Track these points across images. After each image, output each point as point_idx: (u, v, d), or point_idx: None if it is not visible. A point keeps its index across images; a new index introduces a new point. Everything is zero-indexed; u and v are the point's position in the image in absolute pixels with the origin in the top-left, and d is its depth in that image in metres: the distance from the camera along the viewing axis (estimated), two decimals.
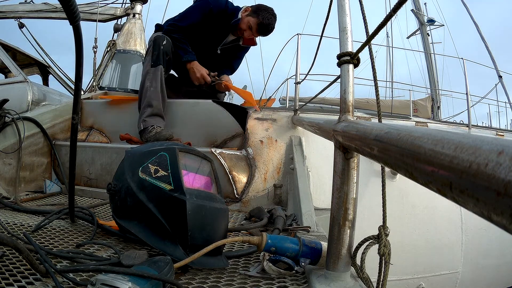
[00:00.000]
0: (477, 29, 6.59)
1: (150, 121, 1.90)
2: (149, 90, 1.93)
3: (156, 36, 2.02)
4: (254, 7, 2.14)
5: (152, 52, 1.98)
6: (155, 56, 1.96)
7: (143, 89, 1.96)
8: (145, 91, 1.95)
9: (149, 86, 1.93)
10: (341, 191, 0.71)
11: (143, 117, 1.92)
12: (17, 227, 1.09)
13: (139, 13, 3.16)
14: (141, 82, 2.02)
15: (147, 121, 1.90)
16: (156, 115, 1.94)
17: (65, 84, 3.52)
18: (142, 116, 1.93)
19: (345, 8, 0.80)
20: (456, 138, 0.28)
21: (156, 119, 1.93)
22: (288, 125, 1.97)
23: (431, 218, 2.24)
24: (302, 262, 0.78)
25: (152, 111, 1.92)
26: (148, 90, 1.93)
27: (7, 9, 3.25)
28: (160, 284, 0.60)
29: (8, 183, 1.71)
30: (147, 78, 1.95)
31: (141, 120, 1.91)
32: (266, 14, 2.07)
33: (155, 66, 1.95)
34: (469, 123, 3.03)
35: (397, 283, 2.19)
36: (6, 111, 1.74)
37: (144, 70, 2.02)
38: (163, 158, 0.91)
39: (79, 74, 0.86)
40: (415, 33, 10.21)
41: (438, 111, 7.73)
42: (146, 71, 1.97)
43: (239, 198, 1.70)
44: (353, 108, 0.77)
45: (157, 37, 2.00)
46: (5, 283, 0.65)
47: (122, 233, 1.03)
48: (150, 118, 1.91)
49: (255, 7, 2.13)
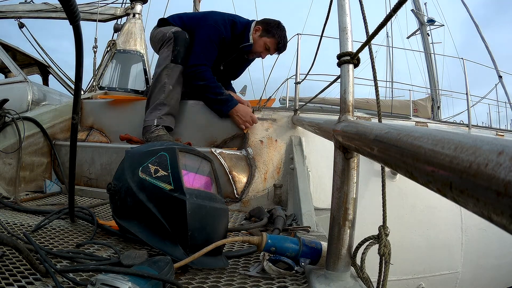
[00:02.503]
0: (477, 29, 6.60)
1: (166, 120, 1.88)
2: (167, 87, 1.87)
3: (177, 31, 1.93)
4: (263, 24, 2.01)
5: (174, 47, 1.89)
6: (176, 51, 1.88)
7: (160, 83, 1.88)
8: (161, 85, 1.88)
9: (167, 82, 1.87)
10: (341, 191, 0.71)
11: (160, 113, 1.87)
12: (17, 227, 1.09)
13: (139, 13, 3.16)
14: (156, 73, 1.94)
15: (164, 120, 1.87)
16: (171, 115, 1.92)
17: (65, 84, 3.52)
18: (157, 112, 1.87)
19: (345, 8, 0.80)
20: (456, 138, 0.28)
21: (171, 119, 1.91)
22: (288, 125, 1.97)
23: (431, 218, 2.24)
24: (302, 262, 0.78)
25: (169, 110, 1.89)
26: (166, 87, 1.87)
27: (7, 9, 3.25)
28: (160, 284, 0.60)
29: (8, 183, 1.71)
30: (165, 73, 1.88)
31: (157, 116, 1.86)
32: (280, 32, 2.00)
33: (175, 63, 1.88)
34: (469, 123, 3.03)
35: (397, 283, 2.19)
36: (6, 111, 1.73)
37: (162, 62, 1.92)
38: (163, 158, 0.91)
39: (79, 74, 0.86)
40: (415, 33, 10.22)
41: (438, 111, 7.74)
42: (166, 65, 1.88)
43: (239, 198, 1.70)
44: (353, 108, 0.77)
45: (179, 33, 1.92)
46: (5, 283, 0.65)
47: (122, 233, 1.03)
48: (167, 117, 1.89)
49: (265, 25, 2.01)
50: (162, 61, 1.93)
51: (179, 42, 1.90)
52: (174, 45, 1.90)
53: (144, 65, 3.05)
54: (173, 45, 1.90)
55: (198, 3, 4.96)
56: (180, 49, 1.90)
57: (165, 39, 1.95)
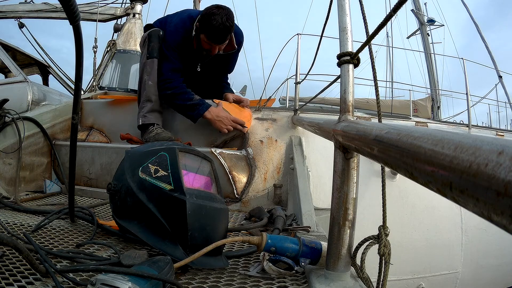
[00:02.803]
0: (477, 28, 6.60)
1: (150, 118, 1.89)
2: (147, 84, 1.90)
3: (152, 30, 1.96)
4: (200, 17, 1.84)
5: (148, 44, 1.93)
6: (150, 47, 1.92)
7: (141, 83, 1.93)
8: (143, 84, 1.91)
9: (147, 79, 1.90)
10: (341, 191, 0.71)
11: (143, 112, 1.90)
12: (17, 227, 1.09)
13: (139, 13, 3.17)
14: (139, 74, 1.99)
15: (147, 117, 1.89)
16: (155, 111, 1.92)
17: (65, 84, 3.53)
18: (141, 111, 1.91)
19: (345, 8, 0.80)
20: (456, 138, 0.28)
21: (156, 115, 1.92)
22: (288, 125, 1.97)
23: (431, 218, 2.24)
24: (302, 262, 0.78)
25: (152, 107, 1.90)
26: (146, 83, 1.90)
27: (7, 9, 3.26)
28: (160, 284, 0.60)
29: (8, 183, 1.71)
30: (145, 71, 1.91)
31: (141, 115, 1.90)
32: (210, 23, 1.75)
33: (151, 58, 1.90)
34: (469, 123, 3.03)
35: (397, 283, 2.19)
36: (6, 111, 1.74)
37: (140, 63, 1.98)
38: (163, 158, 0.91)
39: (79, 74, 0.86)
40: (415, 33, 10.23)
41: (438, 111, 7.75)
42: (143, 63, 1.93)
43: (239, 198, 1.70)
44: (353, 108, 0.77)
45: (153, 31, 1.95)
46: (5, 283, 0.65)
47: (122, 233, 1.03)
48: (150, 114, 1.90)
49: (200, 18, 1.83)
50: (140, 62, 1.99)
51: (152, 39, 1.93)
52: (148, 42, 1.93)
53: None
54: (148, 42, 1.94)
55: (198, 3, 4.96)
56: (154, 45, 1.92)
57: (142, 40, 2.01)
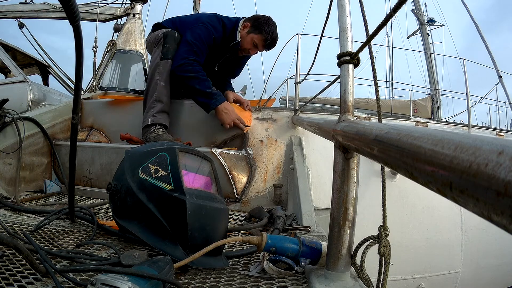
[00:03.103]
0: (477, 28, 6.60)
1: (160, 118, 1.89)
2: (159, 84, 1.89)
3: (167, 31, 1.97)
4: (252, 21, 1.99)
5: (163, 45, 1.93)
6: (166, 48, 1.91)
7: (152, 81, 1.92)
8: (154, 84, 1.91)
9: (159, 79, 1.90)
10: (341, 191, 0.71)
11: (153, 112, 1.89)
12: (17, 227, 1.09)
13: (139, 13, 3.16)
14: (149, 73, 1.98)
15: (157, 117, 1.88)
16: (165, 112, 1.93)
17: (65, 84, 3.53)
18: (151, 110, 1.89)
19: (345, 8, 0.80)
20: (456, 138, 0.28)
21: (165, 116, 1.92)
22: (288, 125, 1.97)
23: (431, 218, 2.24)
24: (302, 262, 0.78)
25: (162, 108, 1.90)
26: (158, 84, 1.90)
27: (7, 9, 3.25)
28: (160, 284, 0.60)
29: (8, 183, 1.71)
30: (157, 71, 1.91)
31: (150, 115, 1.88)
32: (268, 27, 1.95)
33: (165, 59, 1.91)
34: (469, 123, 3.03)
35: (397, 283, 2.19)
36: (6, 111, 1.73)
37: (153, 62, 1.96)
38: (163, 158, 0.91)
39: (79, 74, 0.86)
40: (415, 33, 10.23)
41: (438, 111, 7.75)
42: (156, 63, 1.92)
43: (239, 198, 1.70)
44: (353, 108, 0.77)
45: (169, 32, 1.96)
46: (5, 283, 0.65)
47: (122, 233, 1.03)
48: (160, 115, 1.90)
49: (254, 21, 1.98)
50: (153, 61, 1.98)
51: (168, 40, 1.93)
52: (164, 43, 1.93)
53: (144, 65, 3.04)
54: (163, 43, 1.94)
55: (198, 3, 4.96)
56: (169, 46, 1.92)
57: (156, 40, 2.00)
